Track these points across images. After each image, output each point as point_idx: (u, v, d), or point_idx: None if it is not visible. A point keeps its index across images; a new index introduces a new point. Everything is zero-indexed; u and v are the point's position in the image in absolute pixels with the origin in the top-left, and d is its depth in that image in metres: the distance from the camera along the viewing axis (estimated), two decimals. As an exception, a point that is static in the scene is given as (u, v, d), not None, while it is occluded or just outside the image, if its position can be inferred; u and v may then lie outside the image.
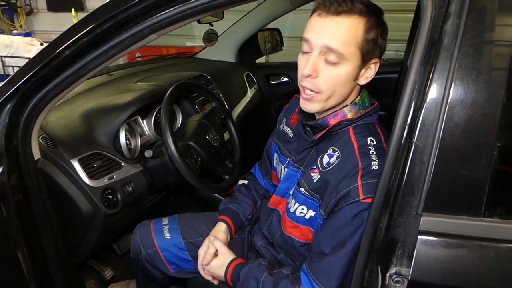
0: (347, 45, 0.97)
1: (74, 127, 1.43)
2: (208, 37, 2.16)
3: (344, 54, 0.98)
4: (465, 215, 0.79)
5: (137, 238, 1.42)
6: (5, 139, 1.14)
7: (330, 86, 1.02)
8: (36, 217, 1.23)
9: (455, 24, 0.79)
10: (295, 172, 1.20)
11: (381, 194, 0.86)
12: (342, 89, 1.04)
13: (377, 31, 1.01)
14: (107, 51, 1.08)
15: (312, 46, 1.01)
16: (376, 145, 1.05)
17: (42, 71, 1.10)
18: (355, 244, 0.97)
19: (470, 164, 0.78)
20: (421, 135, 0.80)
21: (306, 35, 1.01)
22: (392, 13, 3.30)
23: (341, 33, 0.97)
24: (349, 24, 0.97)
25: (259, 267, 1.17)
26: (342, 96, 1.07)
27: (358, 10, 0.97)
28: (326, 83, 1.02)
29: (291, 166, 1.22)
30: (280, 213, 1.25)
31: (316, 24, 1.00)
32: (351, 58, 0.99)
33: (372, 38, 1.00)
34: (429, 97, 0.80)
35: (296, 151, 1.22)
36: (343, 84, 1.03)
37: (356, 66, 1.01)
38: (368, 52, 1.01)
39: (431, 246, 0.80)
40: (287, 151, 1.27)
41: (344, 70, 1.00)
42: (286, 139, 1.30)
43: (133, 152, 1.56)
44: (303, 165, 1.18)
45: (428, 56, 0.81)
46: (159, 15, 1.01)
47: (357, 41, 0.98)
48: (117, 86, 1.79)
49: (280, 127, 1.36)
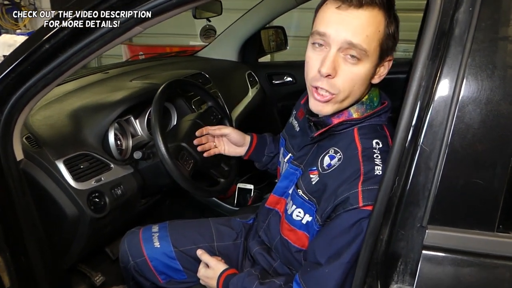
0: (370, 40, 0.90)
1: (61, 126, 1.36)
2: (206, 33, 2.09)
3: (367, 51, 0.90)
4: (476, 229, 0.71)
5: (125, 246, 1.36)
6: (-15, 138, 1.09)
7: (348, 86, 0.94)
8: (19, 219, 1.18)
9: (468, 12, 0.70)
10: (295, 171, 1.13)
11: (382, 203, 0.78)
12: (358, 89, 0.96)
13: (395, 25, 0.94)
14: (89, 45, 1.02)
15: (329, 41, 0.91)
16: (382, 148, 0.97)
17: (21, 66, 1.04)
18: (352, 255, 0.90)
19: (483, 171, 0.70)
20: (427, 137, 0.72)
21: (322, 29, 0.91)
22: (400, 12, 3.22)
23: (365, 28, 0.89)
24: (372, 17, 0.89)
25: (249, 276, 1.12)
26: (357, 96, 0.99)
27: (379, 2, 0.89)
28: (345, 83, 0.93)
29: (291, 163, 1.16)
30: (279, 213, 1.18)
31: (335, 17, 0.90)
32: (372, 55, 0.92)
33: (392, 33, 0.93)
34: (437, 95, 0.72)
35: (299, 146, 1.16)
36: (361, 84, 0.95)
37: (375, 63, 0.94)
38: (387, 48, 0.94)
39: (437, 263, 0.72)
40: (291, 146, 1.22)
41: (363, 68, 0.92)
42: (292, 133, 1.25)
43: (124, 153, 1.49)
44: (303, 164, 1.11)
45: (436, 49, 0.73)
46: (143, 5, 0.94)
47: (379, 36, 0.91)
48: (111, 84, 1.73)
49: (290, 120, 1.31)
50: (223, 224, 1.40)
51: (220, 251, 1.33)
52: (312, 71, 0.95)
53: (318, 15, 0.95)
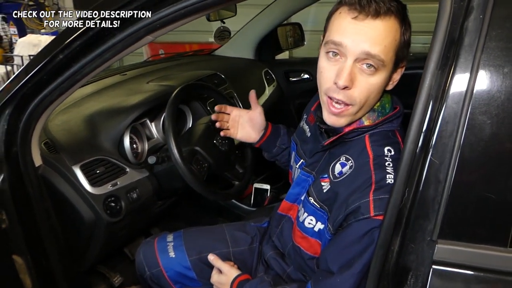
0: (388, 50, 0.88)
1: (77, 131, 1.39)
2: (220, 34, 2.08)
3: (384, 61, 0.88)
4: (487, 244, 0.68)
5: (141, 257, 1.37)
6: (5, 146, 1.12)
7: (364, 97, 0.92)
8: (39, 224, 1.21)
9: (479, 20, 0.68)
10: (307, 177, 1.12)
11: (393, 214, 0.76)
12: (374, 98, 0.95)
13: (410, 31, 0.91)
14: (101, 54, 1.04)
15: (346, 52, 0.88)
16: (394, 156, 0.95)
17: (36, 76, 1.07)
18: (364, 265, 0.88)
19: (494, 184, 0.67)
20: (437, 149, 0.70)
21: (338, 39, 0.89)
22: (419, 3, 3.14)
23: (383, 38, 0.87)
24: (388, 27, 0.87)
25: (262, 283, 1.12)
26: (371, 105, 0.97)
27: (394, 9, 0.87)
28: (361, 94, 0.91)
29: (302, 169, 1.14)
30: (291, 219, 1.17)
31: (352, 27, 0.87)
32: (388, 64, 0.90)
33: (408, 39, 0.91)
34: (447, 105, 0.69)
35: (311, 152, 1.14)
36: (376, 94, 0.94)
37: (390, 72, 0.92)
38: (403, 56, 0.92)
39: (447, 278, 0.69)
40: (302, 151, 1.20)
41: (380, 78, 0.90)
42: (303, 138, 1.23)
43: (139, 157, 1.50)
44: (314, 170, 1.10)
45: (446, 58, 0.70)
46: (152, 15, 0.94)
47: (396, 44, 0.89)
48: (128, 87, 1.75)
49: (301, 124, 1.29)
50: (238, 230, 1.39)
51: (235, 256, 1.32)
52: (328, 82, 0.93)
53: (332, 24, 0.92)
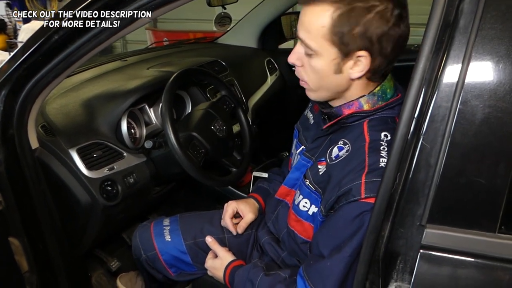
0: (314, 37, 0.90)
1: (75, 115, 1.39)
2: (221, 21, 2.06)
3: (311, 47, 0.91)
4: (476, 229, 0.67)
5: (137, 240, 1.38)
6: (1, 128, 1.12)
7: (312, 78, 0.97)
8: (35, 206, 1.21)
9: (474, 2, 0.66)
10: (306, 162, 1.12)
11: (383, 198, 0.75)
12: (326, 82, 0.97)
13: (354, 21, 0.86)
14: (97, 35, 1.04)
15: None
16: (390, 140, 0.94)
17: (32, 57, 1.07)
18: (354, 249, 0.88)
19: (485, 169, 0.66)
20: (428, 133, 0.69)
21: None
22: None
23: (307, 24, 0.91)
24: (315, 13, 0.88)
25: (255, 268, 1.12)
26: (332, 89, 0.98)
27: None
28: (307, 74, 0.98)
29: (303, 154, 1.15)
30: (288, 205, 1.18)
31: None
32: (322, 52, 0.91)
33: (347, 30, 0.87)
34: (439, 89, 0.68)
35: (312, 138, 1.15)
36: (325, 77, 0.95)
37: (332, 59, 0.91)
38: (345, 44, 0.89)
39: (435, 263, 0.69)
40: (304, 138, 1.20)
41: (319, 63, 0.93)
42: (306, 125, 1.23)
43: (137, 142, 1.50)
44: (314, 156, 1.10)
45: (440, 41, 0.69)
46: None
47: (325, 32, 0.88)
48: (128, 73, 1.74)
49: (305, 112, 1.30)
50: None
51: (230, 242, 1.33)
52: None
53: None
